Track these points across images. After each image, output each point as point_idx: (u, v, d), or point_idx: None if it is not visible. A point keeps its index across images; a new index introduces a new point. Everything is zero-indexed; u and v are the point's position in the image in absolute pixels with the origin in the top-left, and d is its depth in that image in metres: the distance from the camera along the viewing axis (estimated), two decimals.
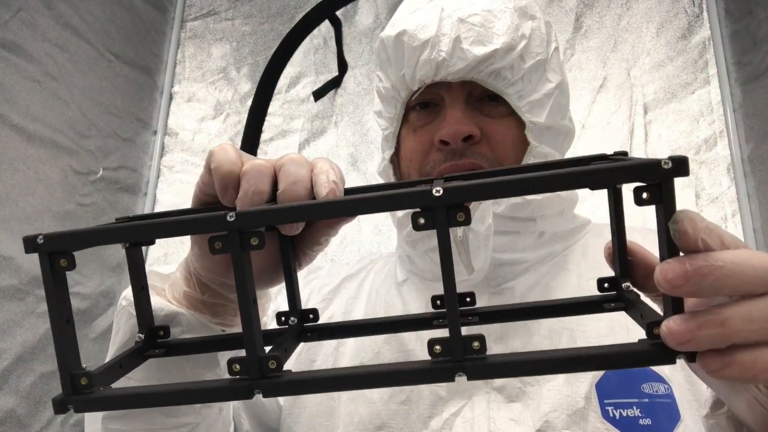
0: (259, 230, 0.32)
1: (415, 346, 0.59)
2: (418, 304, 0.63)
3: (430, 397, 0.56)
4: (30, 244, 0.33)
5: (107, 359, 0.47)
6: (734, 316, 0.27)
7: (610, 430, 0.50)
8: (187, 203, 1.62)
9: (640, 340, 0.30)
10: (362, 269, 0.74)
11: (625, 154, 0.35)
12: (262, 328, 0.51)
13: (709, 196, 1.17)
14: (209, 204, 0.41)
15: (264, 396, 0.33)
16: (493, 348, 0.56)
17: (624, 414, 0.50)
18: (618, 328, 0.54)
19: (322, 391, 0.33)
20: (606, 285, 0.38)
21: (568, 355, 0.30)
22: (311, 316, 0.43)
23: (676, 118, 1.23)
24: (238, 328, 0.46)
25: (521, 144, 0.61)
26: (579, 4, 1.36)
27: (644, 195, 0.28)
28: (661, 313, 0.31)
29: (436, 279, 0.64)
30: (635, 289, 0.37)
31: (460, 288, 0.62)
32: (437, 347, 0.30)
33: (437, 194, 0.28)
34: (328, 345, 0.64)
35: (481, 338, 0.30)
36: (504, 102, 0.61)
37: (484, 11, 0.60)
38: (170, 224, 0.33)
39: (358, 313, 0.66)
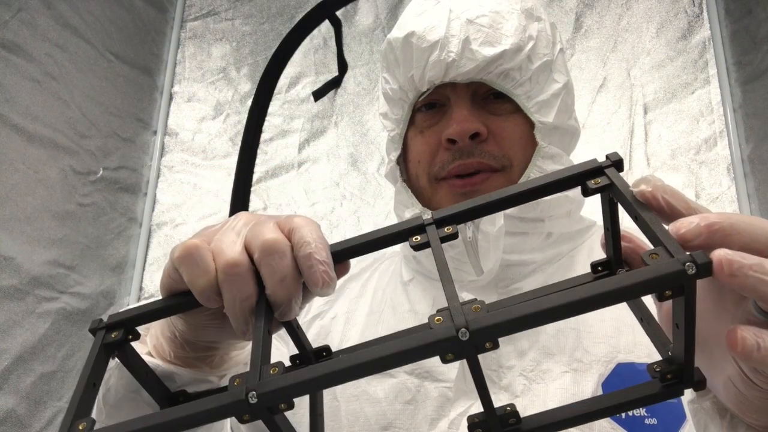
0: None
1: None
2: (424, 304, 0.63)
3: (438, 398, 0.55)
4: None
5: (97, 415, 0.46)
6: None
7: (616, 429, 0.50)
8: (186, 203, 1.60)
9: (652, 382, 0.32)
10: (366, 269, 0.73)
11: (620, 161, 0.35)
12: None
13: (709, 196, 1.17)
14: (183, 292, 0.38)
15: None
16: (502, 348, 0.56)
17: (630, 413, 0.50)
18: (624, 329, 0.54)
19: None
20: (599, 268, 0.39)
21: (593, 408, 0.32)
22: (324, 353, 0.42)
23: (676, 118, 1.23)
24: (229, 368, 0.46)
25: (529, 142, 0.62)
26: (579, 4, 1.36)
27: (667, 293, 0.28)
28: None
29: None
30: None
31: (468, 289, 0.61)
32: (478, 430, 0.32)
33: (464, 338, 0.28)
34: (331, 343, 0.63)
35: (515, 414, 0.32)
36: (509, 100, 0.61)
37: (491, 12, 0.61)
38: (190, 417, 0.30)
39: (362, 312, 0.66)
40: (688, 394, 0.40)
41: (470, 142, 0.59)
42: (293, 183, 1.45)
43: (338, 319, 0.66)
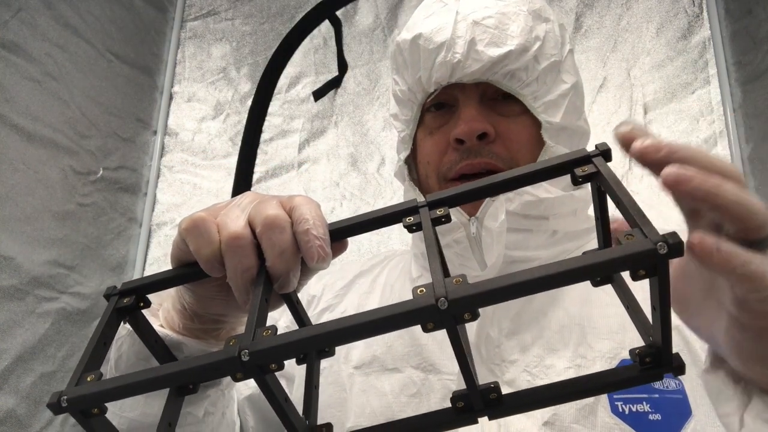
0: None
1: (427, 341, 0.60)
2: None
3: (441, 391, 0.56)
4: (55, 407, 0.32)
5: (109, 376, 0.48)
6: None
7: (619, 425, 0.50)
8: (186, 203, 1.59)
9: (632, 366, 0.33)
10: (376, 265, 0.74)
11: (608, 151, 0.36)
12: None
13: None
14: (190, 263, 0.40)
15: None
16: (505, 343, 0.57)
17: (633, 409, 0.50)
18: (629, 326, 0.54)
19: None
20: None
21: (571, 389, 0.34)
22: None
23: (676, 118, 1.23)
24: None
25: (536, 143, 0.62)
26: (579, 4, 1.36)
27: (640, 272, 0.29)
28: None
29: None
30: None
31: None
32: (460, 403, 0.33)
33: (443, 307, 0.29)
34: None
35: (497, 390, 0.33)
36: (518, 101, 0.62)
37: (498, 14, 0.62)
38: (186, 372, 0.32)
39: (371, 307, 0.66)
40: (707, 402, 0.39)
41: (478, 142, 0.60)
42: (293, 183, 1.45)
43: (348, 313, 0.67)
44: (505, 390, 0.53)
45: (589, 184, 0.37)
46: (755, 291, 0.30)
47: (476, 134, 0.59)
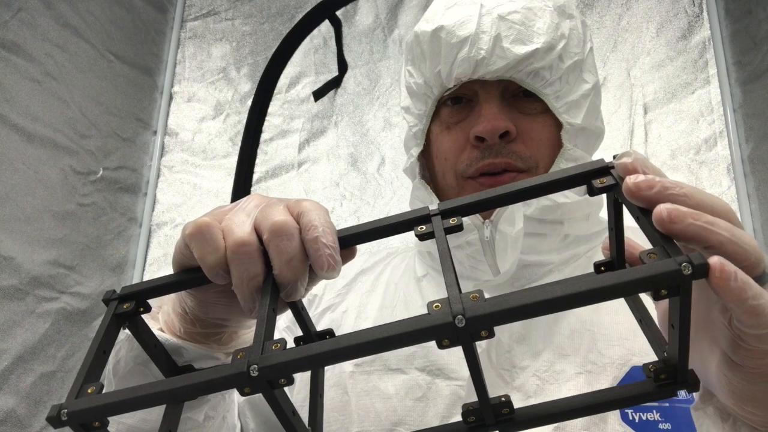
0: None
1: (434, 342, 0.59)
2: None
3: (450, 396, 0.55)
4: (55, 421, 0.31)
5: (107, 386, 0.47)
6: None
7: None
8: (186, 203, 1.59)
9: (645, 382, 0.33)
10: (378, 263, 0.73)
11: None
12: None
13: None
14: (193, 268, 0.39)
15: None
16: (516, 348, 0.56)
17: (643, 417, 0.50)
18: (639, 332, 0.54)
19: None
20: (602, 268, 0.40)
21: (584, 404, 0.33)
22: (327, 336, 0.43)
23: (676, 118, 1.23)
24: (237, 346, 0.46)
25: (555, 143, 0.61)
26: (579, 4, 1.36)
27: (662, 292, 0.28)
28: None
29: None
30: None
31: (484, 288, 0.62)
32: (471, 417, 0.33)
33: (460, 325, 0.28)
34: None
35: (509, 405, 0.33)
36: (538, 99, 0.60)
37: (524, 9, 0.60)
38: (192, 386, 0.31)
39: (374, 306, 0.66)
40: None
41: (499, 141, 0.58)
42: (293, 183, 1.45)
43: (349, 312, 0.66)
44: (515, 395, 0.53)
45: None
46: (757, 327, 0.30)
47: (499, 133, 0.58)
